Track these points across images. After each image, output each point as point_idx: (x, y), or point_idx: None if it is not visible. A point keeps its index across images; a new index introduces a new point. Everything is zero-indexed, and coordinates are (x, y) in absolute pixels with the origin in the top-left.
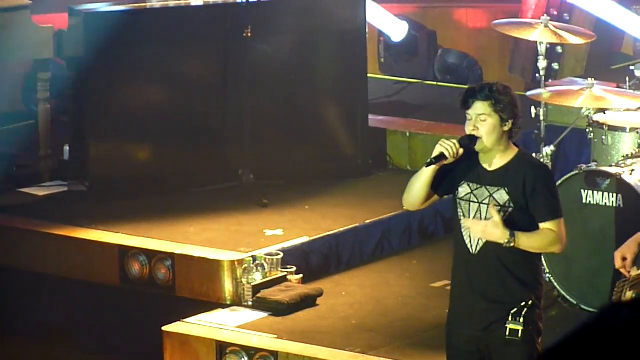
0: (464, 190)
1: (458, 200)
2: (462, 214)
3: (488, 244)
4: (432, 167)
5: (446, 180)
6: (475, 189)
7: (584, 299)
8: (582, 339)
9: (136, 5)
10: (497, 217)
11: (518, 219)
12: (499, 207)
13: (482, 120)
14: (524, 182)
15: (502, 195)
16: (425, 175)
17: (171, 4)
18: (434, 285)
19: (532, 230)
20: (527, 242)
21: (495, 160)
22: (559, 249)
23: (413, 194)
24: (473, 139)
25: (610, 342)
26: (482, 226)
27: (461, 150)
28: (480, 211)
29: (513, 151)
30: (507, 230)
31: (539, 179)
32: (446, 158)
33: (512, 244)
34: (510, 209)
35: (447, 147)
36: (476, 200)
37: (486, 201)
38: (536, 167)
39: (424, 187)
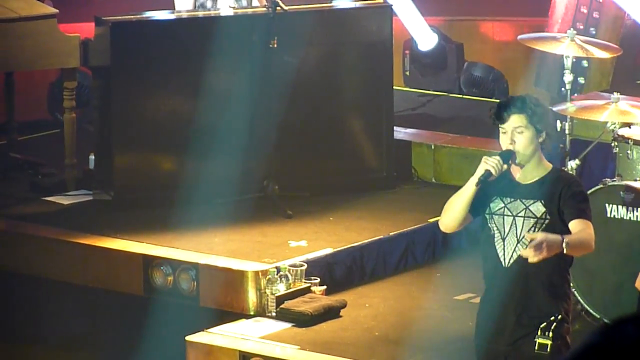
0: (496, 205)
1: (490, 215)
2: (495, 228)
3: (521, 257)
4: (475, 188)
5: (480, 199)
6: (510, 203)
7: (608, 312)
8: (587, 358)
9: (163, 15)
10: (539, 234)
11: (554, 231)
12: (535, 219)
13: (518, 133)
14: (560, 194)
15: (538, 208)
16: (467, 195)
17: (200, 14)
18: (458, 298)
19: None
20: (575, 239)
21: (529, 173)
22: (593, 248)
23: (453, 215)
24: (512, 153)
25: None
26: (539, 246)
27: (504, 167)
28: (516, 224)
29: (548, 166)
30: (557, 235)
31: (573, 186)
32: (492, 175)
33: (568, 246)
34: (547, 221)
35: (493, 165)
36: (510, 214)
37: (522, 214)
38: (570, 179)
39: (464, 207)
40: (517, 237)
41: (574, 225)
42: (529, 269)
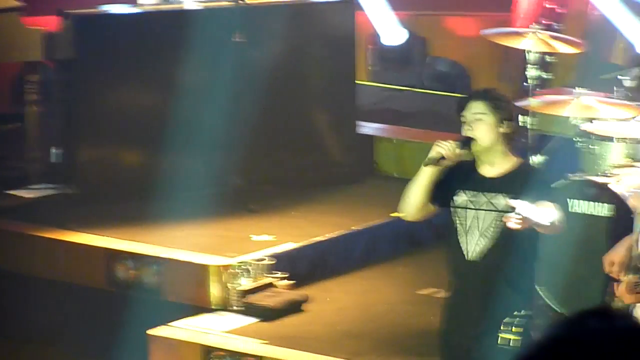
0: (460, 197)
1: (454, 208)
2: (458, 221)
3: (487, 249)
4: (430, 170)
5: (443, 190)
6: (473, 196)
7: (570, 307)
8: (549, 352)
9: (127, 9)
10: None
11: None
12: (498, 213)
13: (477, 120)
14: (525, 189)
15: (501, 201)
16: (421, 178)
17: (163, 7)
18: (421, 292)
19: (528, 240)
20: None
21: (494, 166)
22: (560, 229)
23: (410, 200)
24: (469, 140)
25: (578, 356)
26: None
27: (458, 151)
28: (478, 217)
29: (513, 160)
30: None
31: (538, 181)
32: (444, 158)
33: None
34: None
35: (445, 147)
36: (474, 207)
37: (484, 207)
38: (536, 174)
39: (421, 191)
40: (479, 230)
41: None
42: (492, 263)
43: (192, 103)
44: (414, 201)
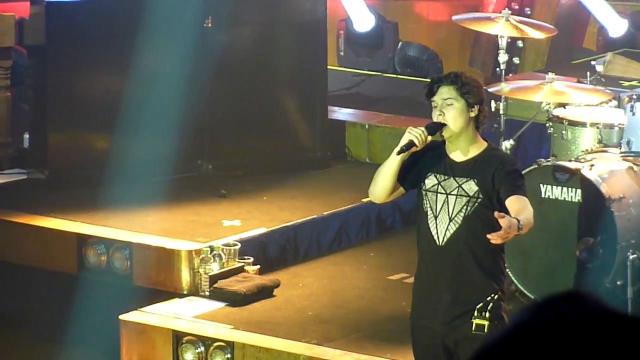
0: (430, 181)
1: (424, 192)
2: (428, 205)
3: (457, 235)
4: (400, 156)
5: (412, 172)
6: (443, 180)
7: (542, 293)
8: (519, 337)
9: None
10: (505, 219)
11: (487, 210)
12: (468, 198)
13: (448, 105)
14: (494, 173)
15: (471, 186)
16: (391, 164)
17: None
18: (391, 278)
19: (499, 225)
20: (524, 218)
21: (464, 151)
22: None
23: (379, 184)
24: (440, 125)
25: (550, 341)
26: (505, 232)
27: (429, 138)
28: (448, 202)
29: (482, 144)
30: (514, 219)
31: (507, 165)
32: (415, 145)
33: (521, 228)
34: (479, 200)
35: (416, 135)
36: (444, 192)
37: (454, 192)
38: (505, 157)
39: (390, 177)
40: (449, 215)
41: (513, 201)
42: (462, 248)
43: (162, 88)
44: (383, 185)
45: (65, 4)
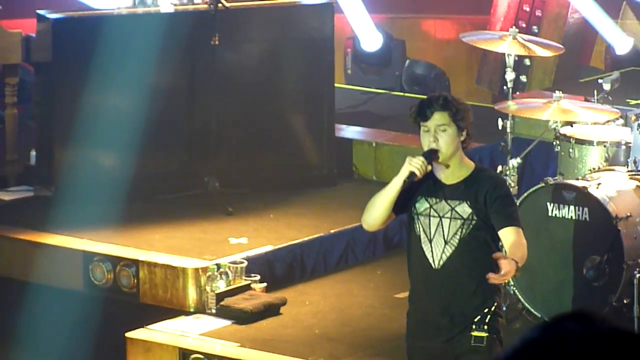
0: (421, 205)
1: (416, 216)
2: (420, 229)
3: (454, 257)
4: (398, 188)
5: (402, 196)
6: (435, 204)
7: (549, 311)
8: (528, 354)
9: (104, 12)
10: (506, 263)
11: (481, 231)
12: (462, 221)
13: (442, 131)
14: (485, 195)
15: (464, 209)
16: (389, 194)
17: (139, 11)
18: (398, 296)
19: (494, 242)
20: (519, 256)
21: (453, 173)
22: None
23: (375, 213)
24: (436, 152)
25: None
26: (506, 275)
27: (429, 167)
28: (442, 225)
29: (470, 165)
30: (513, 261)
31: (498, 188)
32: (416, 176)
33: (519, 267)
34: (474, 222)
35: (417, 166)
36: (437, 215)
37: (448, 215)
38: (495, 179)
39: (387, 206)
40: (444, 238)
41: (507, 234)
42: (460, 269)
43: (170, 106)
44: (380, 215)
45: (72, 20)
